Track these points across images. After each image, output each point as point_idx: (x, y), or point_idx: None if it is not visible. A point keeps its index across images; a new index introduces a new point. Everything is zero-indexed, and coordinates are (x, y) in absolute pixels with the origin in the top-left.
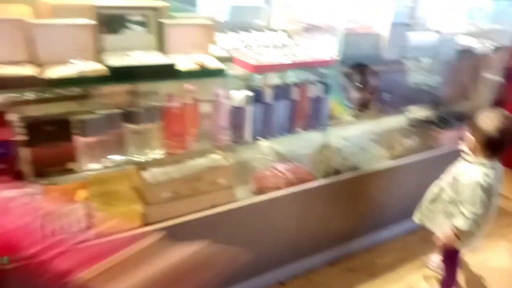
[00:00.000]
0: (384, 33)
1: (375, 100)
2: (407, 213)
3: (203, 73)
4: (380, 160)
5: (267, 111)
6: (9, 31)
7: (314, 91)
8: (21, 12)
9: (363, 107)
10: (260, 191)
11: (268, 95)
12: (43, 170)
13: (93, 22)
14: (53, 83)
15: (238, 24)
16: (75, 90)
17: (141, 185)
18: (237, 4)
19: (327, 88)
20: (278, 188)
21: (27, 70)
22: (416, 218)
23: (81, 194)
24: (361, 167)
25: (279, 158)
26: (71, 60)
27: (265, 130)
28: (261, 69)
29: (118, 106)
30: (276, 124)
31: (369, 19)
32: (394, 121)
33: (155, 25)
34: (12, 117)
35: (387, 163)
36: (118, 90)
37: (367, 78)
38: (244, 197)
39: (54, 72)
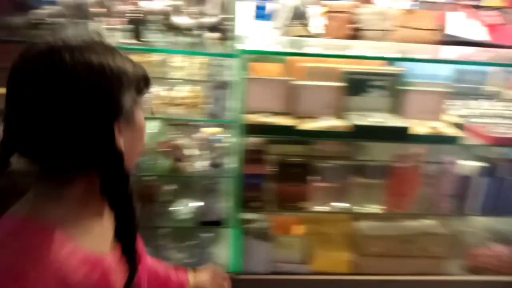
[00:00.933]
0: None
1: None
2: None
3: (436, 139)
4: None
5: (499, 186)
6: (276, 88)
7: None
8: (275, 70)
9: None
10: (473, 269)
11: (504, 169)
12: (281, 204)
13: (341, 84)
14: (306, 134)
15: (465, 89)
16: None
17: (353, 235)
18: (464, 68)
19: None
20: (496, 271)
21: (288, 121)
22: None
23: (298, 229)
24: None
25: (500, 239)
26: (321, 116)
27: (492, 205)
28: (503, 142)
29: (339, 156)
30: (507, 201)
31: None
32: None
33: (393, 90)
34: (265, 155)
35: None
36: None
37: None
38: (454, 272)
39: (308, 125)
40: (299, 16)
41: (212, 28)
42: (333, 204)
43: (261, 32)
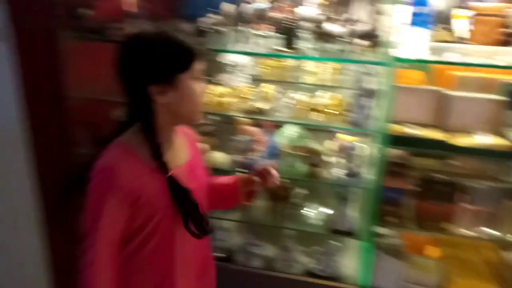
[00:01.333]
0: None
1: None
2: None
3: None
4: None
5: None
6: (425, 98)
7: None
8: (417, 77)
9: None
10: None
11: None
12: (421, 222)
13: (501, 97)
14: (460, 150)
15: None
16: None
17: (502, 265)
18: None
19: None
20: None
21: (436, 134)
22: None
23: (432, 250)
24: None
25: None
26: (475, 131)
27: None
28: None
29: (489, 176)
30: None
31: None
32: None
33: None
34: (408, 169)
35: None
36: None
37: None
38: None
39: (462, 140)
40: (443, 20)
41: (363, 35)
42: (482, 229)
43: (410, 39)
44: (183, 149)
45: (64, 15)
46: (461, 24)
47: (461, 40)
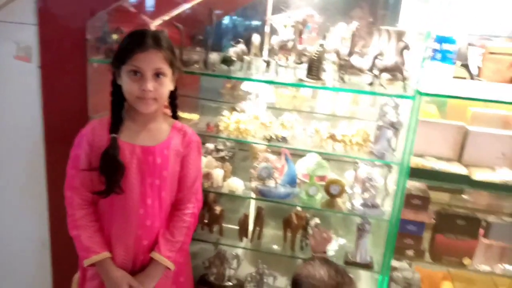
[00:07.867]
0: None
1: None
2: None
3: None
4: None
5: None
6: (448, 133)
7: None
8: (432, 112)
9: None
10: None
11: None
12: (439, 256)
13: None
14: (479, 185)
15: None
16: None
17: None
18: None
19: None
20: None
21: (457, 168)
22: None
23: (449, 286)
24: None
25: None
26: (495, 167)
27: None
28: None
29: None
30: None
31: None
32: None
33: None
34: (428, 202)
35: None
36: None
37: None
38: None
39: (481, 175)
40: (461, 57)
41: (388, 69)
42: (500, 265)
43: (433, 74)
44: (156, 137)
45: (94, 39)
46: (475, 61)
47: (475, 77)
